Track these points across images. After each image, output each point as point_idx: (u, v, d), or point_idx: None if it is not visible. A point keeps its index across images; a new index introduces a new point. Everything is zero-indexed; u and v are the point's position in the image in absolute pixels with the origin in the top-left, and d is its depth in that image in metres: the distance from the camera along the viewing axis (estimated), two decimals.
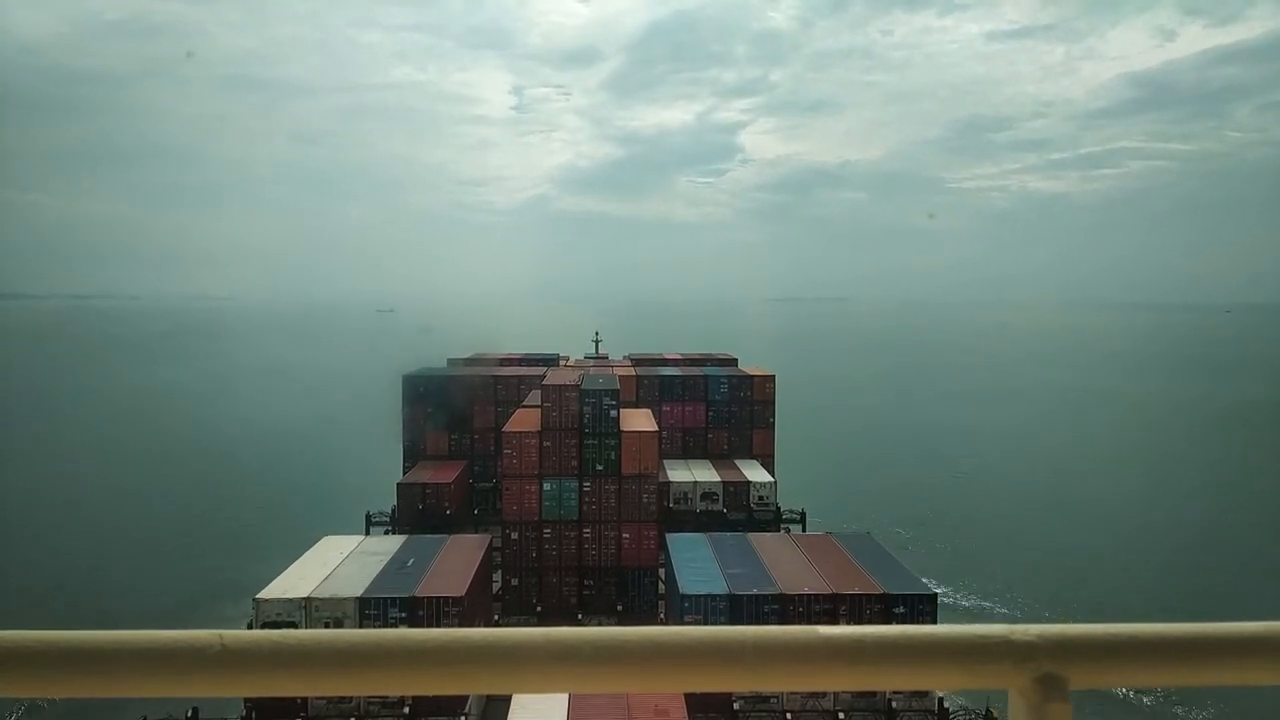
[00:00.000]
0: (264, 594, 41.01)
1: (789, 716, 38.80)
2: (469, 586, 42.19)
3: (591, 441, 55.44)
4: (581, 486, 55.04)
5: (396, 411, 76.29)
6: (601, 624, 5.76)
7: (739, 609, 40.51)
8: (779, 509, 66.35)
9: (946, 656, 2.65)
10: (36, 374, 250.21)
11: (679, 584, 43.44)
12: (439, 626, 2.71)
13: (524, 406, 64.15)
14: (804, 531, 63.91)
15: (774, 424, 76.58)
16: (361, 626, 39.53)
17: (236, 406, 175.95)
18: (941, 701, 39.79)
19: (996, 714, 39.59)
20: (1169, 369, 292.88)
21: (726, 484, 66.46)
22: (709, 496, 65.87)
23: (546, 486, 54.82)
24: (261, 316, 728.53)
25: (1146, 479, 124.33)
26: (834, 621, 39.38)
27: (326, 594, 41.03)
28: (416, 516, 63.46)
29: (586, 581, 54.82)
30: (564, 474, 55.02)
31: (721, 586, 41.62)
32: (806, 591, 41.12)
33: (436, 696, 36.96)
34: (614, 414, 56.15)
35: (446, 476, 67.50)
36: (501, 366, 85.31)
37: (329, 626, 39.49)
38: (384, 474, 75.84)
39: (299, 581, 42.39)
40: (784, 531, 62.15)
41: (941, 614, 44.87)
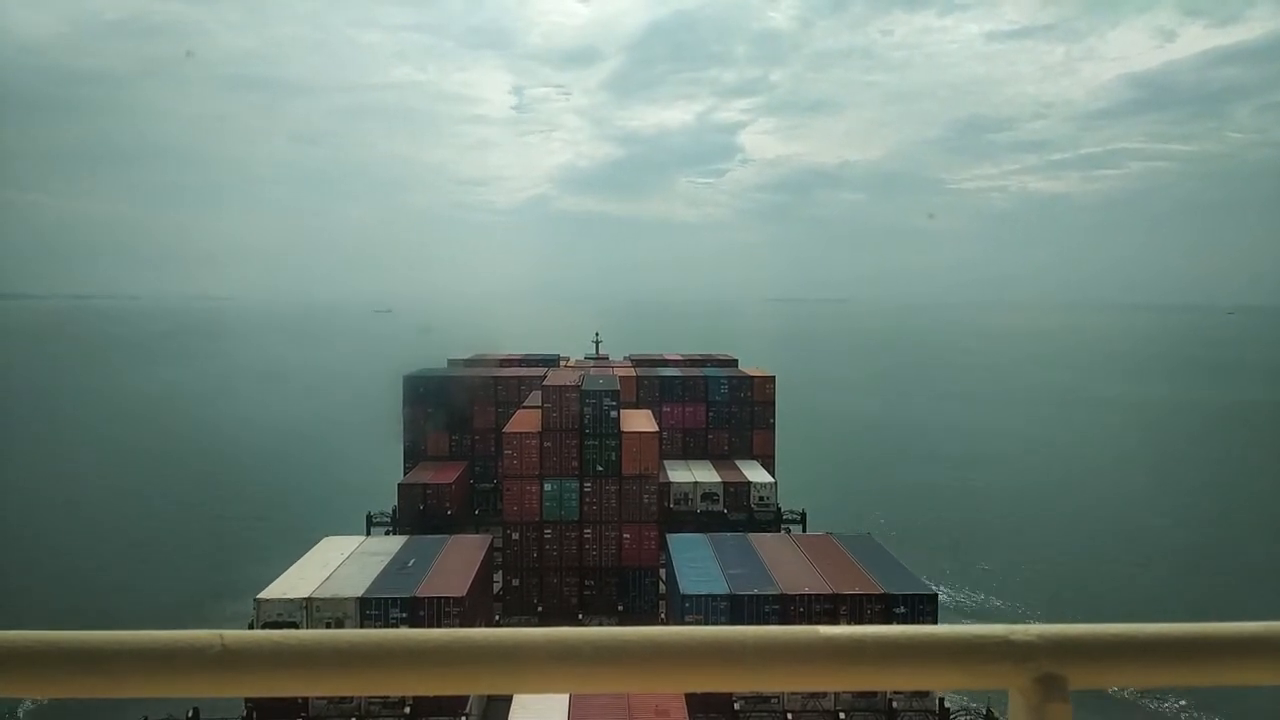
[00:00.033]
0: (265, 594, 40.99)
1: (789, 716, 38.79)
2: (470, 587, 42.17)
3: (592, 442, 55.44)
4: (582, 487, 55.03)
5: (397, 412, 76.30)
6: (602, 624, 5.76)
7: (739, 609, 40.48)
8: (779, 509, 66.32)
9: (947, 656, 2.65)
10: (36, 374, 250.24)
11: (679, 584, 43.43)
12: (440, 627, 2.71)
13: (524, 407, 64.14)
14: (804, 532, 63.90)
15: (774, 424, 76.57)
16: (362, 627, 39.53)
17: (237, 407, 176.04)
18: (942, 701, 39.77)
19: (996, 714, 39.58)
20: (1169, 370, 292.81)
21: (727, 484, 66.43)
22: (709, 497, 65.85)
23: (547, 487, 54.82)
24: (261, 317, 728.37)
25: (1147, 479, 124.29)
26: (834, 621, 39.37)
27: (327, 594, 41.02)
28: (417, 517, 63.47)
29: (587, 582, 54.81)
30: (564, 474, 55.01)
31: (722, 586, 41.60)
32: (807, 591, 41.09)
33: (437, 696, 36.94)
34: (614, 415, 56.15)
35: (447, 477, 67.50)
36: (502, 367, 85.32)
37: (330, 627, 39.49)
38: (384, 474, 75.83)
39: (300, 582, 42.37)
40: (784, 532, 62.15)
41: (941, 614, 44.86)
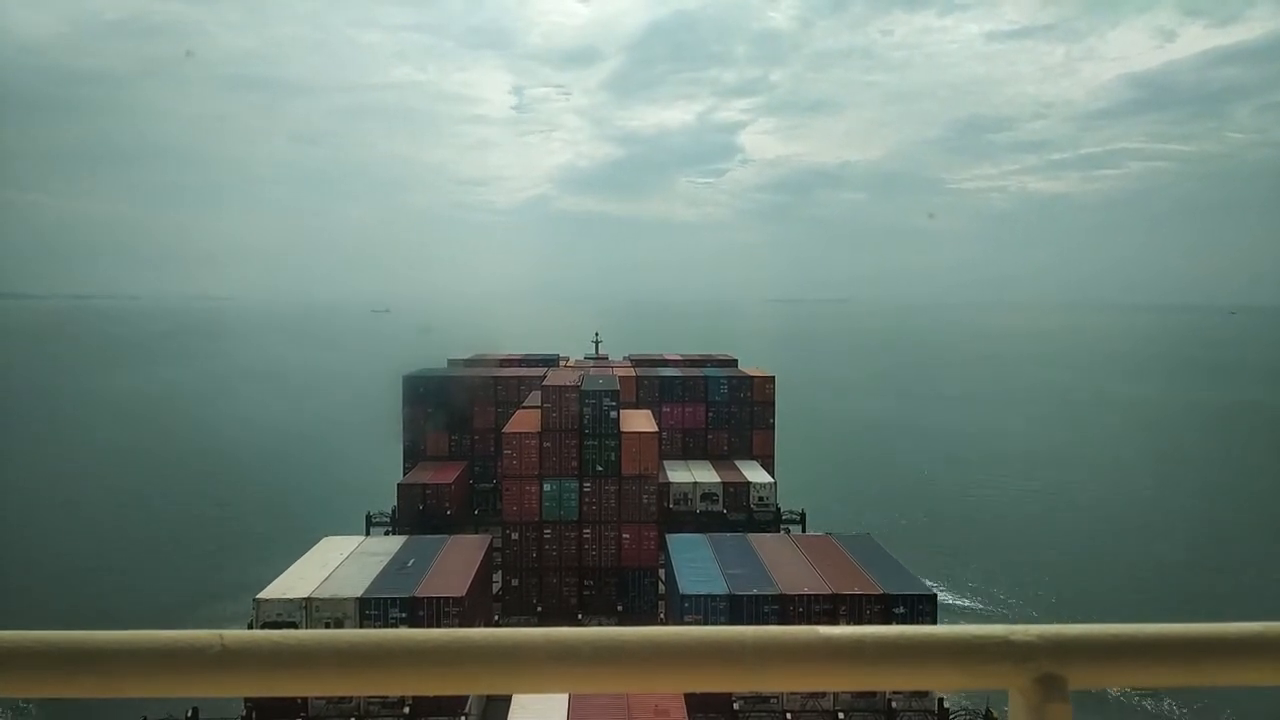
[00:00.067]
0: (264, 594, 41.00)
1: (789, 716, 38.78)
2: (469, 587, 42.17)
3: (591, 442, 55.43)
4: (581, 487, 55.02)
5: (397, 412, 76.29)
6: (601, 624, 5.75)
7: (739, 609, 40.48)
8: (779, 510, 66.30)
9: (946, 656, 2.65)
10: (36, 374, 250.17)
11: (679, 584, 43.42)
12: (439, 627, 2.71)
13: (524, 407, 64.14)
14: (804, 532, 63.90)
15: (774, 425, 76.54)
16: (362, 627, 39.53)
17: (237, 406, 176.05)
18: (941, 701, 39.76)
19: (996, 714, 39.58)
20: (1169, 370, 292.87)
21: (726, 485, 66.40)
22: (709, 497, 65.84)
23: (547, 487, 54.81)
24: (261, 317, 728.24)
25: (1147, 479, 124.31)
26: (834, 621, 39.36)
27: (327, 594, 41.02)
28: (417, 517, 63.45)
29: (586, 582, 54.80)
30: (564, 475, 55.00)
31: (721, 587, 41.59)
32: (806, 592, 41.09)
33: (437, 696, 36.94)
34: (614, 415, 56.14)
35: (447, 477, 67.48)
36: (501, 367, 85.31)
37: (329, 627, 39.48)
38: (384, 474, 75.81)
39: (299, 582, 42.38)
40: (784, 532, 62.14)
41: (941, 614, 44.89)
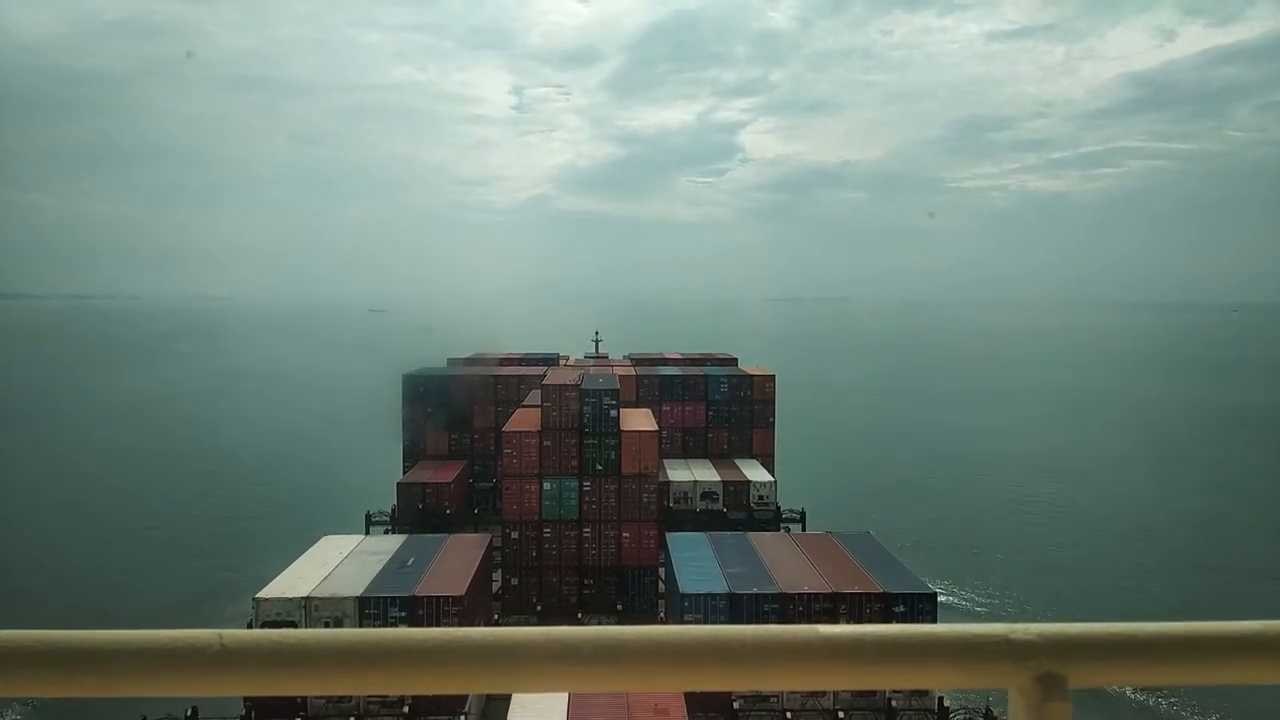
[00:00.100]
0: (264, 593, 41.03)
1: (789, 716, 38.81)
2: (469, 586, 42.19)
3: (591, 441, 55.45)
4: (581, 486, 55.04)
5: (396, 411, 76.31)
6: (601, 623, 5.77)
7: (739, 608, 40.51)
8: (779, 508, 66.35)
9: (946, 656, 2.65)
10: (37, 374, 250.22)
11: (679, 583, 43.44)
12: (439, 626, 2.72)
13: (524, 406, 64.15)
14: (804, 531, 63.93)
15: (774, 424, 76.61)
16: (361, 626, 39.54)
17: (237, 406, 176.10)
18: (942, 701, 39.79)
19: (996, 714, 39.60)
20: (1170, 369, 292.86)
21: (726, 483, 66.46)
22: (709, 496, 65.87)
23: (546, 486, 54.83)
24: (261, 317, 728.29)
25: (1147, 479, 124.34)
26: (834, 621, 39.30)
27: (326, 593, 41.04)
28: (416, 516, 63.47)
29: (586, 581, 54.82)
30: (564, 473, 55.02)
31: (721, 585, 41.62)
32: (806, 590, 41.14)
33: (436, 696, 36.97)
34: (614, 414, 56.15)
35: (446, 476, 67.51)
36: (501, 366, 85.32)
37: (329, 626, 39.49)
38: (384, 474, 75.85)
39: (299, 581, 42.40)
40: (784, 531, 62.18)
41: (941, 613, 44.92)
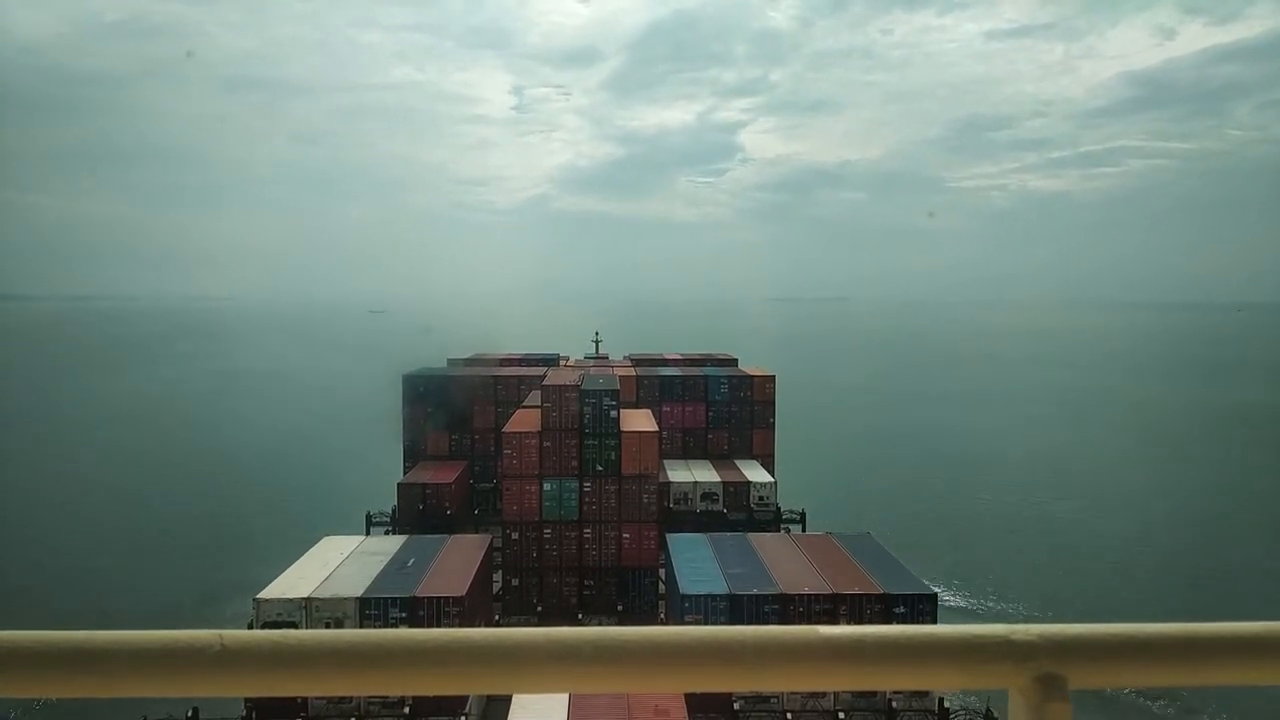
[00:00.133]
0: (264, 594, 41.00)
1: (789, 716, 38.78)
2: (469, 587, 42.16)
3: (592, 442, 55.42)
4: (582, 487, 55.02)
5: (397, 411, 76.30)
6: (601, 624, 5.75)
7: (739, 609, 40.48)
8: (779, 509, 66.30)
9: (947, 656, 2.65)
10: (37, 375, 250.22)
11: (679, 584, 43.42)
12: (439, 627, 2.71)
13: (524, 407, 64.13)
14: (804, 531, 63.90)
15: (774, 424, 76.55)
16: (362, 626, 39.53)
17: (237, 407, 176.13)
18: (942, 701, 39.76)
19: (996, 714, 39.58)
20: (1170, 369, 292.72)
21: (726, 484, 66.41)
22: (709, 497, 65.84)
23: (547, 487, 54.81)
24: (261, 317, 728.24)
25: (1147, 479, 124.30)
26: (834, 621, 39.37)
27: (327, 594, 41.02)
28: (417, 516, 63.45)
29: (587, 581, 54.80)
30: (564, 474, 55.00)
31: (722, 586, 41.59)
32: (806, 591, 41.09)
33: (437, 696, 36.95)
34: (614, 414, 56.13)
35: (447, 477, 67.49)
36: (501, 367, 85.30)
37: (329, 626, 39.48)
38: (384, 474, 75.84)
39: (299, 581, 42.37)
40: (784, 531, 62.14)
41: (941, 614, 44.89)
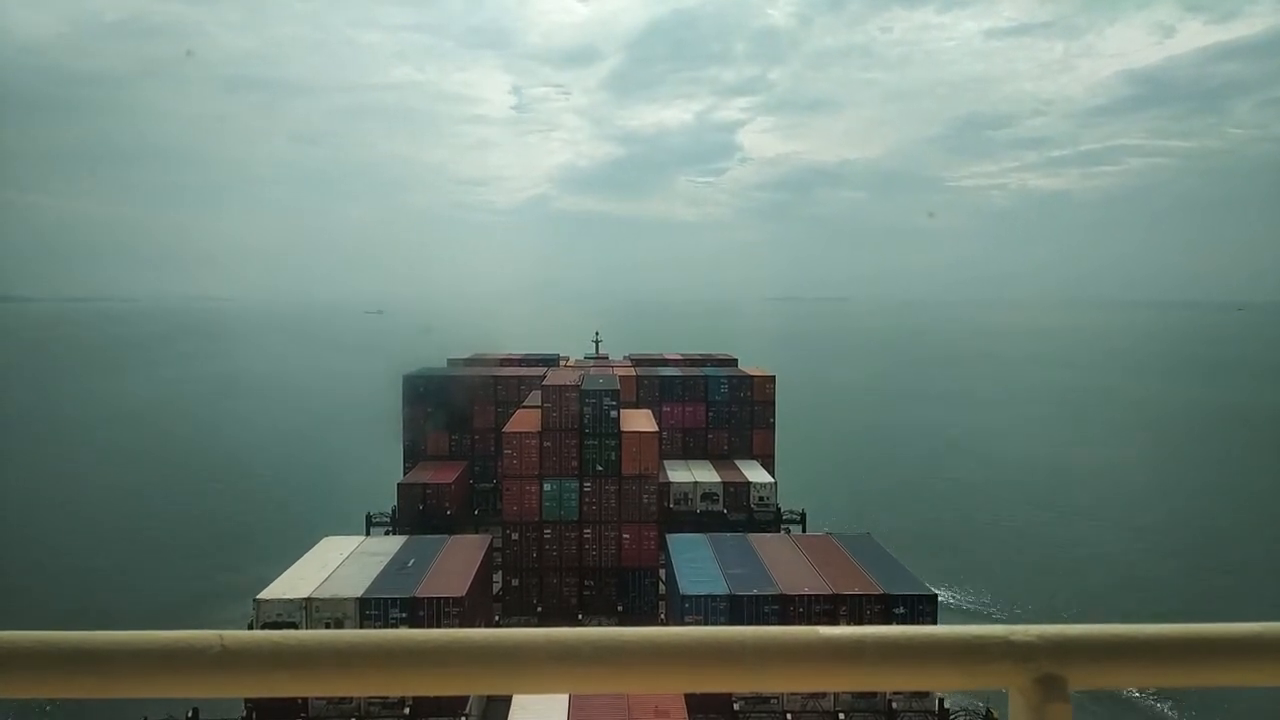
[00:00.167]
0: (264, 594, 40.98)
1: (789, 717, 38.76)
2: (469, 587, 42.16)
3: (592, 442, 55.41)
4: (582, 487, 54.99)
5: (397, 412, 76.29)
6: (601, 624, 5.76)
7: (739, 609, 40.46)
8: (779, 509, 66.28)
9: (947, 657, 2.65)
10: (37, 375, 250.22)
11: (679, 584, 43.41)
12: (439, 627, 2.71)
13: (524, 407, 64.11)
14: (804, 532, 63.89)
15: (774, 424, 76.51)
16: (362, 627, 39.52)
17: (237, 407, 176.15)
18: (942, 702, 39.74)
19: (996, 714, 39.57)
20: (1170, 368, 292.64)
21: (727, 484, 66.38)
22: (709, 497, 65.82)
23: (547, 487, 54.79)
24: (261, 318, 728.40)
25: (1147, 478, 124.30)
26: (834, 622, 39.36)
27: (327, 594, 41.01)
28: (417, 517, 63.44)
29: (587, 582, 54.77)
30: (564, 474, 54.98)
31: (722, 587, 41.57)
32: (807, 592, 41.07)
33: (437, 697, 36.95)
34: (614, 414, 56.11)
35: (447, 477, 67.47)
36: (502, 367, 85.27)
37: (329, 627, 39.47)
38: (384, 474, 75.80)
39: (299, 582, 42.36)
40: (784, 532, 62.14)
41: (941, 614, 44.84)
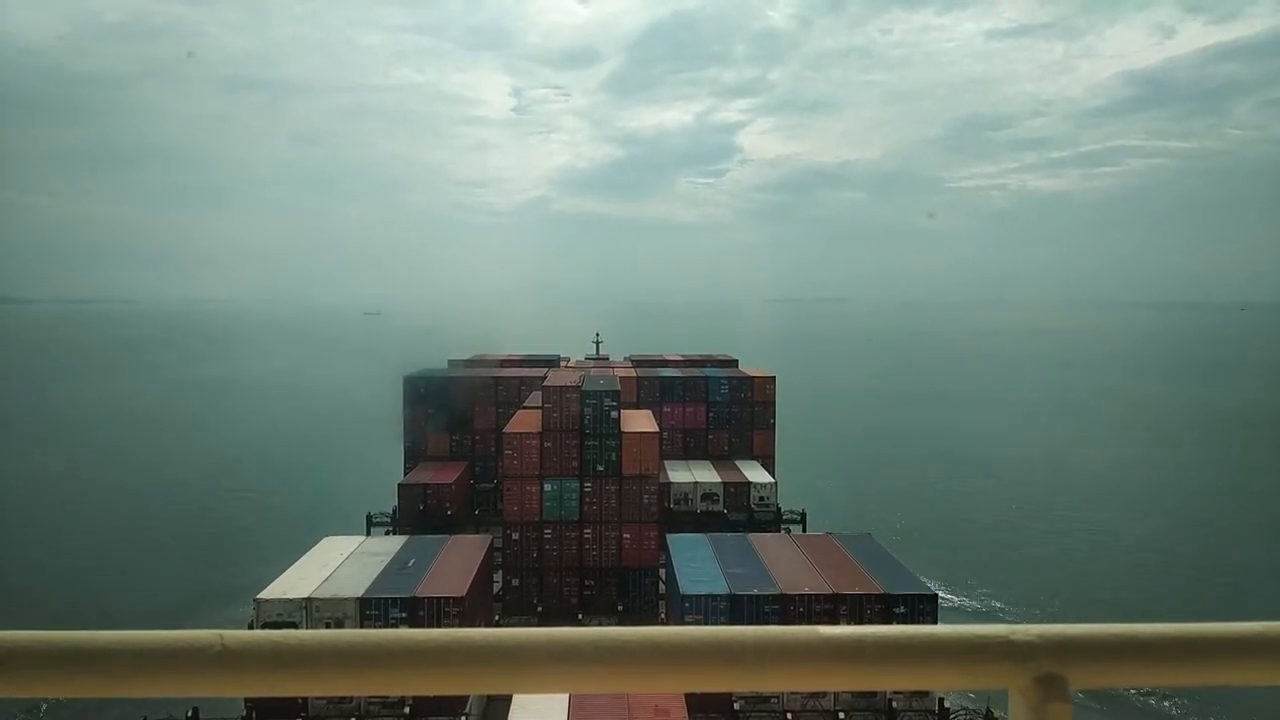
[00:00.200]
0: (265, 594, 40.97)
1: (789, 716, 38.76)
2: (470, 587, 42.15)
3: (592, 442, 55.41)
4: (582, 487, 55.00)
5: (397, 412, 76.34)
6: (602, 624, 5.75)
7: (739, 609, 40.46)
8: (779, 509, 66.31)
9: (947, 656, 2.65)
10: (37, 376, 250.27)
11: (679, 584, 43.40)
12: (440, 627, 2.71)
13: (525, 407, 64.12)
14: (804, 532, 63.88)
15: (774, 425, 76.57)
16: (362, 627, 39.52)
17: (237, 407, 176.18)
18: (942, 701, 39.73)
19: (996, 714, 39.55)
20: (1170, 369, 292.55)
21: (727, 485, 66.40)
22: (709, 497, 65.84)
23: (547, 487, 54.78)
24: (261, 318, 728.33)
25: (1147, 479, 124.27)
26: (834, 621, 39.35)
27: (327, 594, 41.00)
28: (417, 517, 63.48)
29: (587, 582, 54.78)
30: (565, 475, 54.98)
31: (722, 586, 41.57)
32: (807, 591, 41.06)
33: (437, 696, 36.95)
34: (615, 415, 56.11)
35: (447, 477, 67.50)
36: (502, 368, 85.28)
37: (329, 627, 39.47)
38: (385, 475, 75.87)
39: (300, 582, 42.35)
40: (784, 532, 62.14)
41: (941, 614, 44.84)
